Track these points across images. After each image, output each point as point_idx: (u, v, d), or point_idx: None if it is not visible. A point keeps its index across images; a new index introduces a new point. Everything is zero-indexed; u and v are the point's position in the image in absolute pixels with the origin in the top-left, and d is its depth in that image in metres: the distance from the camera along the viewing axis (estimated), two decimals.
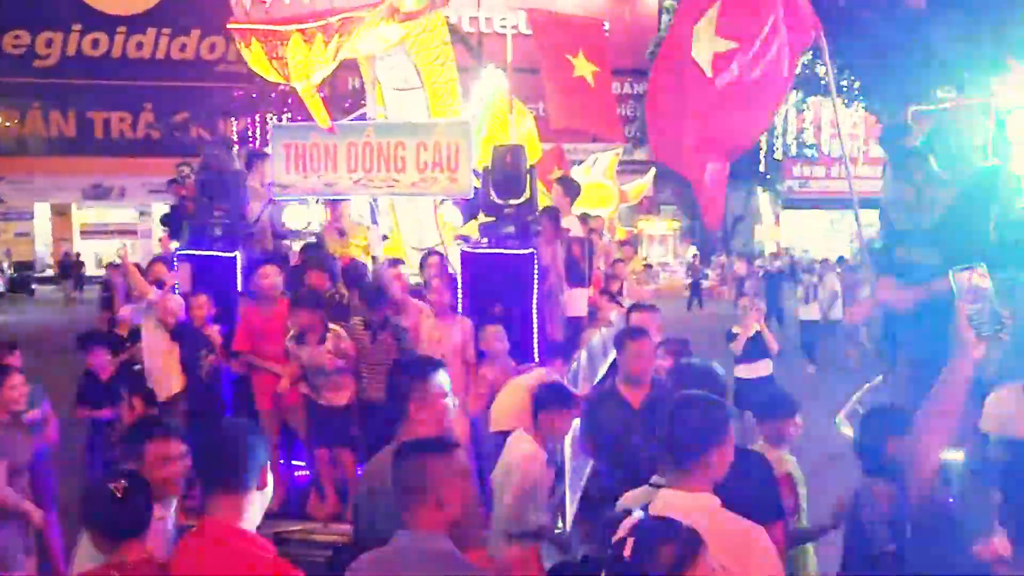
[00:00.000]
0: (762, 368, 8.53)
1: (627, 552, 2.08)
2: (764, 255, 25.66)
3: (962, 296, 2.46)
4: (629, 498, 3.11)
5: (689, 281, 22.51)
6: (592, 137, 17.16)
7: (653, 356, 4.32)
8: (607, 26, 28.89)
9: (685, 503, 2.59)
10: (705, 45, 5.50)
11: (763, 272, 17.83)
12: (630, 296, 10.10)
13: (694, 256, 24.44)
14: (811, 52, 22.73)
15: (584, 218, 11.32)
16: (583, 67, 8.55)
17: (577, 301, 7.89)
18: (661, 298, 15.21)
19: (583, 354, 7.23)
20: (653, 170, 18.16)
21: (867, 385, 5.68)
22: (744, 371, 8.52)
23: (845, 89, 24.51)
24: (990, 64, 10.68)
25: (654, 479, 3.08)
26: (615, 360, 4.85)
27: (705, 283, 24.10)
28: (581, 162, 18.60)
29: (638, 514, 2.22)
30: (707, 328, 14.14)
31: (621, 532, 2.15)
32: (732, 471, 2.72)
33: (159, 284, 6.83)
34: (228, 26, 5.56)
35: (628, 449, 4.07)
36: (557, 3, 27.28)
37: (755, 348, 8.50)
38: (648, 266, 23.58)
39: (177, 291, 6.59)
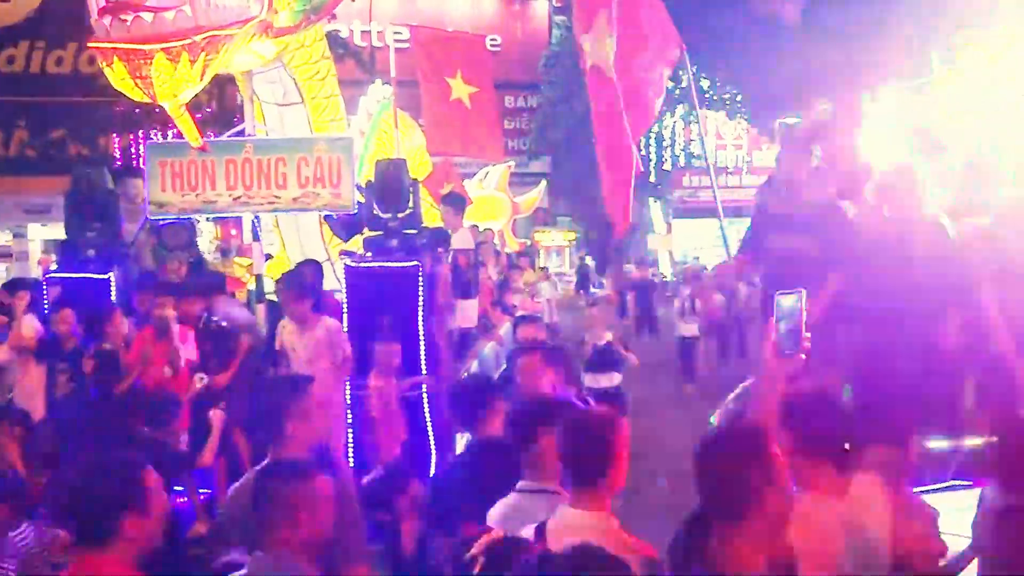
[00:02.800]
0: (606, 380, 7.92)
1: (476, 570, 2.11)
2: (658, 264, 26.34)
3: (780, 317, 2.59)
4: (500, 505, 3.15)
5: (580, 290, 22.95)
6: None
7: (543, 371, 4.32)
8: (499, 40, 29.09)
9: (583, 522, 2.62)
10: (606, 50, 5.69)
11: (635, 282, 17.99)
12: (522, 307, 10.22)
13: (581, 258, 24.88)
14: (695, 67, 23.62)
15: (474, 230, 11.39)
16: (460, 89, 8.54)
17: (466, 313, 7.95)
18: (558, 308, 15.36)
19: (474, 364, 7.29)
20: (544, 182, 18.44)
21: (741, 387, 5.87)
22: (589, 380, 7.96)
23: (728, 102, 25.47)
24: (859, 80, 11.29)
25: (520, 484, 3.13)
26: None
27: (600, 292, 24.53)
28: (473, 175, 18.73)
29: (496, 533, 2.26)
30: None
31: (475, 549, 2.18)
32: None
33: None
34: (88, 45, 5.38)
35: None
36: (447, 15, 27.41)
37: (603, 359, 8.02)
38: (546, 276, 23.87)
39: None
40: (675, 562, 2.24)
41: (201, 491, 6.26)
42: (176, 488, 6.33)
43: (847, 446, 2.77)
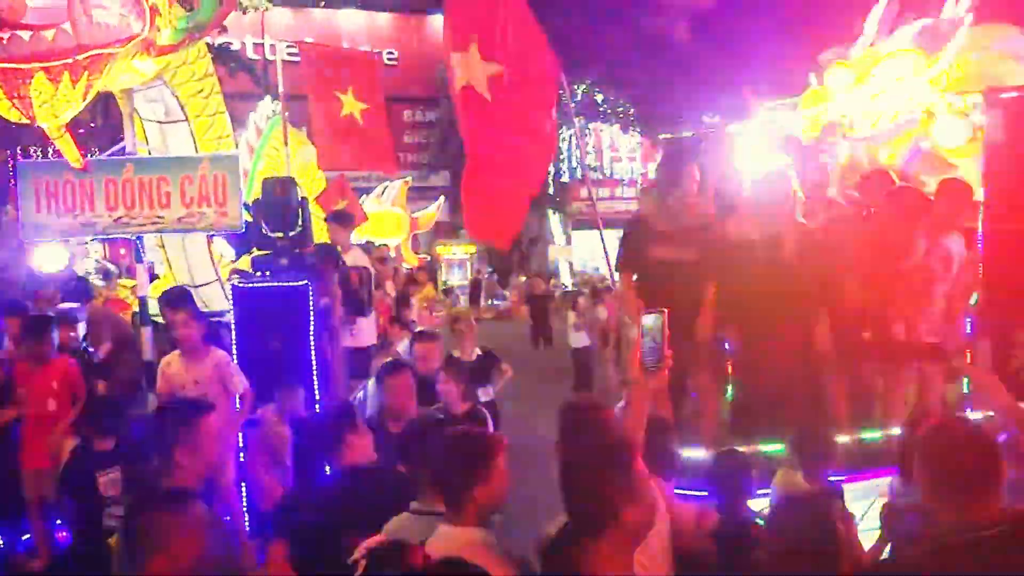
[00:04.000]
0: (481, 393, 7.50)
1: (357, 573, 2.14)
2: (559, 274, 26.70)
3: (643, 334, 2.74)
4: (395, 521, 3.17)
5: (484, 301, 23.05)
6: None
7: (411, 389, 4.30)
8: (396, 54, 28.94)
9: (454, 538, 2.65)
10: (477, 71, 5.71)
11: (531, 293, 18.16)
12: (420, 323, 10.21)
13: (477, 271, 25.07)
14: (589, 81, 24.16)
15: (368, 247, 11.33)
16: (351, 104, 8.51)
17: (362, 330, 7.89)
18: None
19: (371, 382, 7.23)
20: (442, 198, 18.47)
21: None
22: None
23: (622, 115, 26.15)
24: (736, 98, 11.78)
25: (413, 505, 3.15)
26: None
27: (503, 304, 24.74)
28: (371, 190, 18.61)
29: (376, 538, 2.28)
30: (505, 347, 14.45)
31: (357, 554, 2.20)
32: None
33: None
34: None
35: None
36: (343, 28, 27.21)
37: (474, 373, 7.55)
38: (448, 291, 23.87)
39: None
40: (543, 573, 2.31)
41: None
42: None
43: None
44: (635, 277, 5.54)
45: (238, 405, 5.78)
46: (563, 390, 11.58)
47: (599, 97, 25.00)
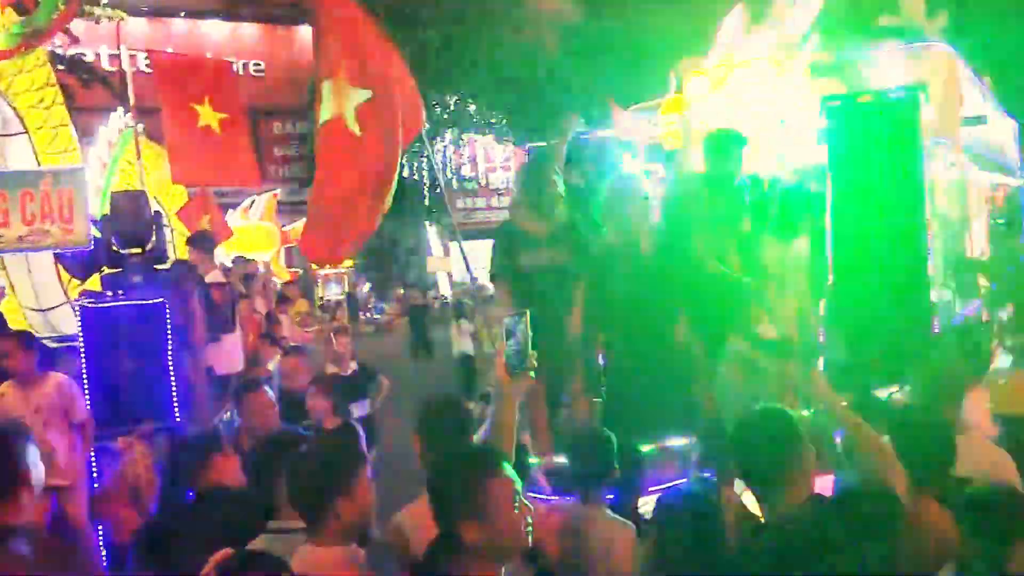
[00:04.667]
0: (357, 409, 7.47)
1: None
2: (438, 286, 26.59)
3: (508, 337, 2.70)
4: (253, 544, 3.02)
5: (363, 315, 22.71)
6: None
7: (270, 407, 4.12)
8: (263, 65, 28.21)
9: (320, 558, 2.55)
10: (347, 100, 5.51)
11: (409, 304, 18.06)
12: (292, 339, 9.91)
13: (354, 285, 24.73)
14: (462, 92, 24.21)
15: (241, 261, 10.94)
16: (209, 116, 8.15)
17: (227, 349, 7.58)
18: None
19: (228, 415, 6.94)
20: None
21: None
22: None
23: (496, 125, 26.34)
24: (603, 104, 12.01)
25: (271, 525, 3.01)
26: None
27: (381, 317, 24.45)
28: (236, 205, 18.03)
29: (225, 551, 2.17)
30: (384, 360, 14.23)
31: (207, 568, 2.10)
32: None
33: None
34: None
35: None
36: (205, 38, 26.32)
37: (351, 388, 7.71)
38: (324, 306, 23.38)
39: None
40: None
41: None
42: None
43: None
44: (509, 284, 5.55)
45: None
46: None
47: (472, 107, 25.12)
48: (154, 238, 6.03)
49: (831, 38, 7.64)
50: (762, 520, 2.71)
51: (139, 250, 5.95)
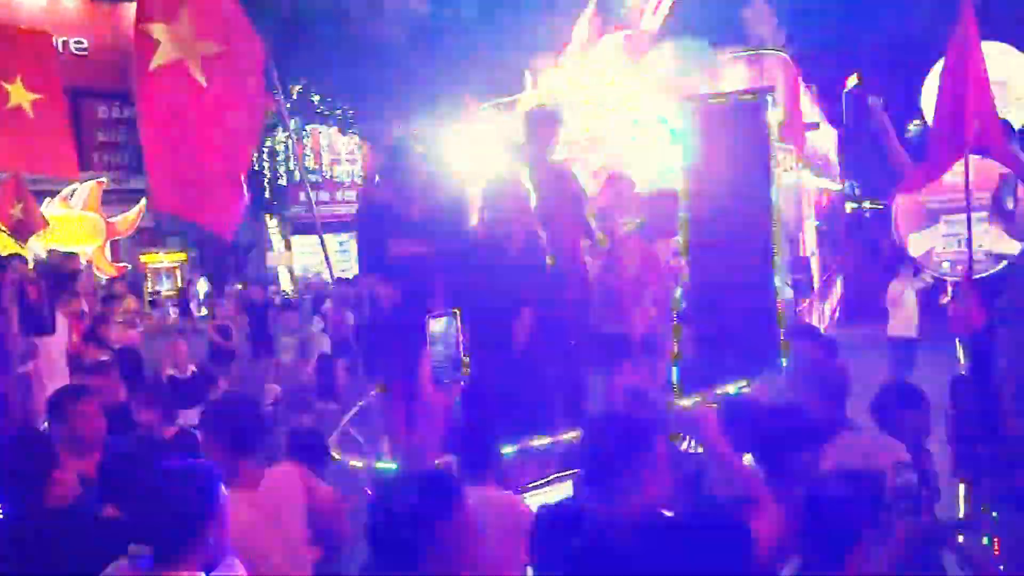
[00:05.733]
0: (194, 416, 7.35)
1: None
2: (279, 281, 25.58)
3: (433, 341, 2.42)
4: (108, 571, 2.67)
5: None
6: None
7: (96, 418, 3.64)
8: (85, 44, 26.30)
9: None
10: (192, 47, 5.15)
11: (247, 302, 17.17)
12: (120, 340, 9.15)
13: (188, 281, 23.42)
14: (305, 81, 23.42)
15: (69, 256, 10.08)
16: (20, 95, 7.27)
17: (47, 352, 6.89)
18: (168, 335, 14.08)
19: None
20: (144, 200, 16.89)
21: (356, 408, 5.75)
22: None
23: (340, 117, 25.63)
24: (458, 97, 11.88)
25: (131, 548, 2.68)
26: None
27: (219, 314, 23.18)
28: (55, 193, 16.62)
29: None
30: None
31: None
32: None
33: None
34: None
35: None
36: (22, 11, 24.10)
37: (189, 392, 7.35)
38: (155, 302, 21.98)
39: None
40: None
41: None
42: None
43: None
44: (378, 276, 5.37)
45: None
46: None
47: (316, 98, 24.33)
48: None
49: (680, 41, 7.83)
50: None
51: None
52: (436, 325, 2.40)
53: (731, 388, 5.79)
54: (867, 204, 23.13)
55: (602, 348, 5.82)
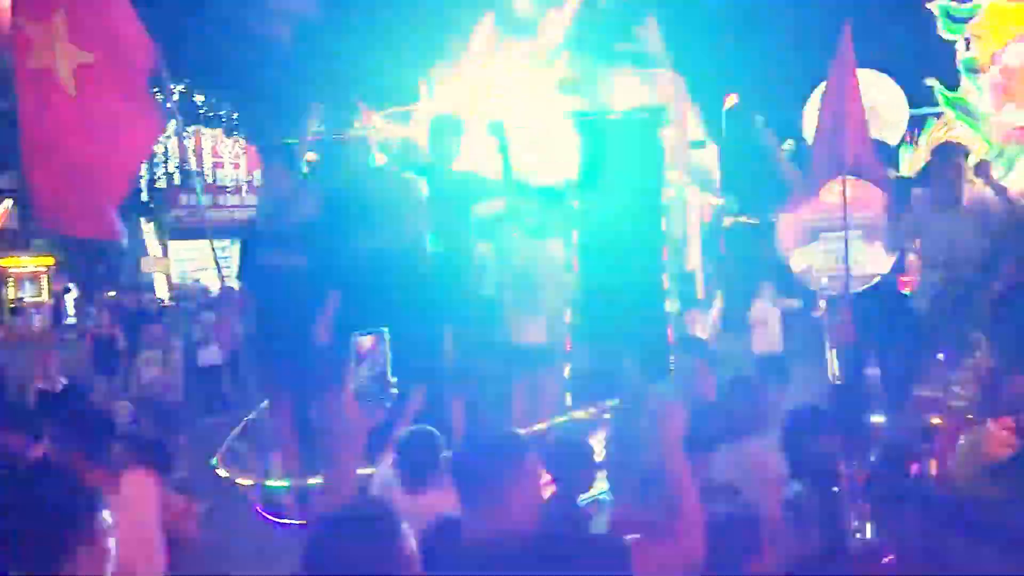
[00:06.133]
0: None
1: None
2: (154, 288, 24.49)
3: (360, 360, 2.27)
4: None
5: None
6: None
7: None
8: None
9: None
10: (62, 57, 4.80)
11: (119, 310, 16.35)
12: None
13: (57, 286, 22.21)
14: (187, 81, 22.60)
15: None
16: None
17: None
18: (31, 343, 13.24)
19: None
20: (10, 201, 15.89)
21: (243, 422, 5.54)
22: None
23: (224, 120, 24.84)
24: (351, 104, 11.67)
25: None
26: None
27: (90, 322, 22.02)
28: None
29: None
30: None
31: None
32: None
33: None
34: None
35: None
36: None
37: (58, 408, 7.08)
38: (17, 309, 20.68)
39: None
40: None
41: None
42: None
43: None
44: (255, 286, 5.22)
45: None
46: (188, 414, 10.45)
47: (199, 98, 23.51)
48: None
49: (575, 58, 7.95)
50: None
51: None
52: (365, 342, 2.27)
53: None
54: (744, 219, 24.11)
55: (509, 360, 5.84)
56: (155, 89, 5.54)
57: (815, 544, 3.10)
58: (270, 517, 4.76)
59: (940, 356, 5.44)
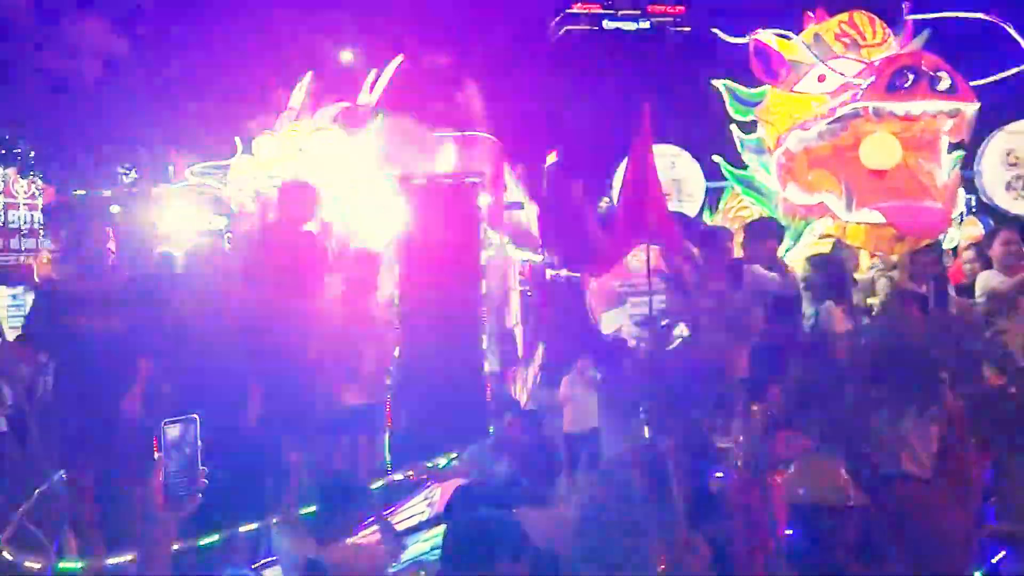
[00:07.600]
0: None
1: None
2: None
3: (168, 449, 2.11)
4: None
5: None
6: None
7: None
8: None
9: None
10: None
11: None
12: None
13: None
14: None
15: None
16: None
17: None
18: None
19: None
20: None
21: (36, 492, 5.11)
22: None
23: (20, 158, 23.05)
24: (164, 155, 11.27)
25: None
26: None
27: None
28: None
29: None
30: None
31: None
32: None
33: None
34: None
35: None
36: None
37: None
38: None
39: None
40: None
41: None
42: None
43: None
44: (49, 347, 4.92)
45: None
46: None
47: None
48: None
49: (395, 118, 8.08)
50: None
51: None
52: (173, 431, 2.16)
53: (442, 460, 5.94)
54: (564, 272, 24.93)
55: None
56: None
57: None
58: None
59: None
